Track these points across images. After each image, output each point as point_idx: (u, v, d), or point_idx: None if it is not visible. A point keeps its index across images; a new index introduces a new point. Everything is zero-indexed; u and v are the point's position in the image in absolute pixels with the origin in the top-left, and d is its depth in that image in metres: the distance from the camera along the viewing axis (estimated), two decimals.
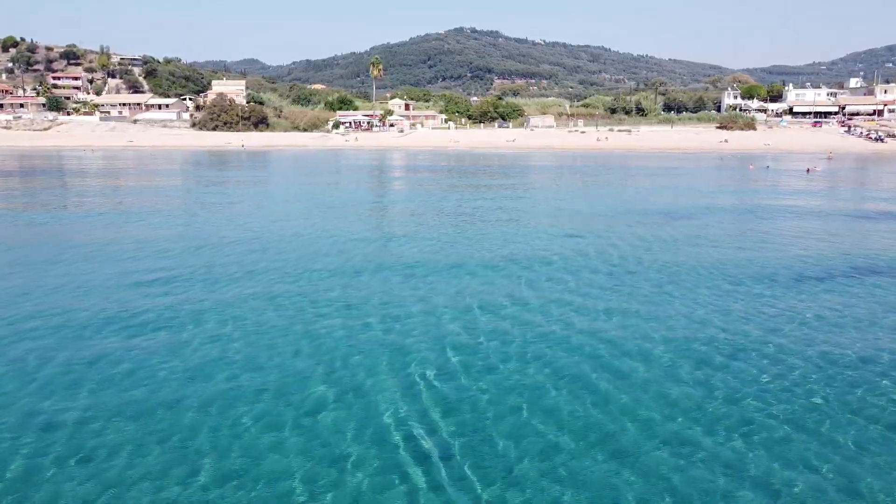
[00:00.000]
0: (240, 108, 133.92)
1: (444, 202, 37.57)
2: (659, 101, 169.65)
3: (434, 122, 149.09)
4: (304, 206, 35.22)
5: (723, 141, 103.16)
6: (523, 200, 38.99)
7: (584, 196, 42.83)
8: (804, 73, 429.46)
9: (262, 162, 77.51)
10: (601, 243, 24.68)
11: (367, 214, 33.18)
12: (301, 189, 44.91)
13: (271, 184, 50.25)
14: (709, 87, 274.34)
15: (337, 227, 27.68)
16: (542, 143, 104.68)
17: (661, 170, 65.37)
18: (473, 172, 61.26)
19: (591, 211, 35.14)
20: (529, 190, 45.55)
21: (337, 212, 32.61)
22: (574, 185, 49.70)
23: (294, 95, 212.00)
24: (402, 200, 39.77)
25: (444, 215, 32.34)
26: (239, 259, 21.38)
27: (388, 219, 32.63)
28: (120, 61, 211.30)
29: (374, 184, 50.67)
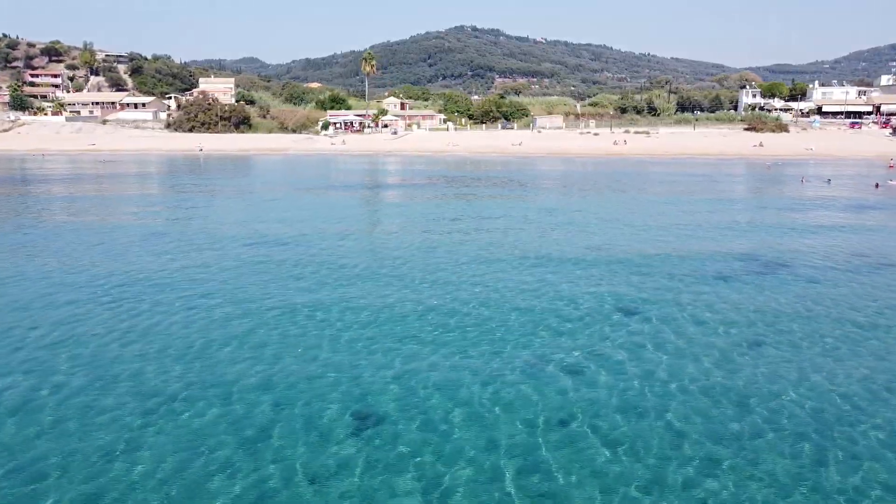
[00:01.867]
0: (219, 108, 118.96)
1: (432, 254, 22.95)
2: (672, 100, 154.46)
3: (432, 122, 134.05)
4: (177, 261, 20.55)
5: (757, 145, 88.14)
6: (548, 242, 24.31)
7: (623, 226, 28.29)
8: (807, 71, 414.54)
9: (219, 171, 62.81)
10: (689, 337, 13.28)
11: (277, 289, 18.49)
12: (208, 220, 30.12)
13: (180, 208, 35.52)
14: (715, 86, 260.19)
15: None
16: (551, 147, 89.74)
17: (704, 182, 50.53)
18: (473, 188, 46.48)
19: (640, 255, 22.04)
20: (551, 216, 30.96)
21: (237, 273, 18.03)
22: (604, 208, 35.05)
23: (286, 94, 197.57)
24: (362, 254, 25.00)
25: (431, 283, 17.82)
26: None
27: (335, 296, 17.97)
28: (104, 58, 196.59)
29: (335, 210, 35.92)
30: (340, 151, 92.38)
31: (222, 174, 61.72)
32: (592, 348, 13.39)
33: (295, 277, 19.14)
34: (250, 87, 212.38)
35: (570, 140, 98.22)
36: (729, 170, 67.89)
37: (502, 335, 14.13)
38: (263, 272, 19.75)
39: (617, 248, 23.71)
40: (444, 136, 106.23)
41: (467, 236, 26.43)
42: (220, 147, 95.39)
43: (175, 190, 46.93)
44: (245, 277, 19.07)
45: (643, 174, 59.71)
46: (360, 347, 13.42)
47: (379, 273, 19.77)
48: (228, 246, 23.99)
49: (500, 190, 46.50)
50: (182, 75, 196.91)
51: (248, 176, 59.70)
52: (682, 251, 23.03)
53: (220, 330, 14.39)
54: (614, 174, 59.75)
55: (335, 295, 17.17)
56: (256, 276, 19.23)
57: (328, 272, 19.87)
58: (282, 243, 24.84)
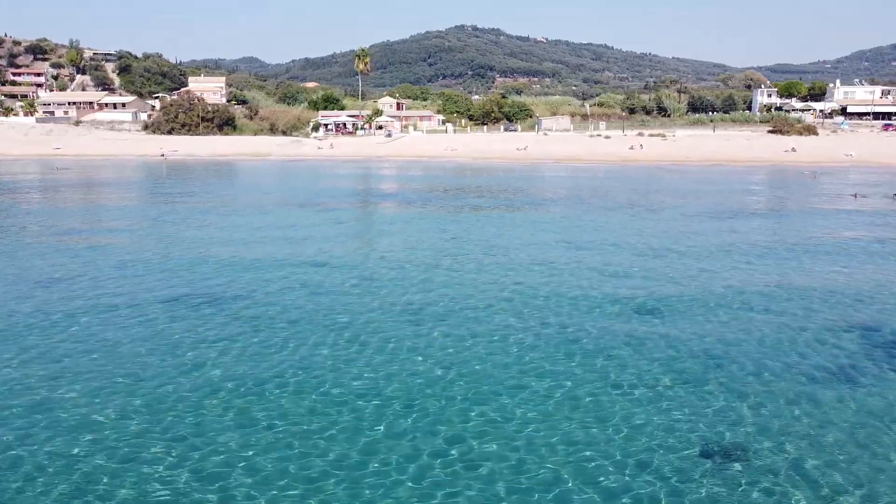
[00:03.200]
0: (201, 108, 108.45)
1: (420, 320, 13.04)
2: (682, 100, 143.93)
3: (429, 123, 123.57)
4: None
5: (790, 150, 77.58)
6: (582, 301, 14.21)
7: (680, 269, 18.47)
8: (809, 71, 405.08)
9: (179, 181, 52.34)
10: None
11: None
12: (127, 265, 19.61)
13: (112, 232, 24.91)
14: (720, 85, 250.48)
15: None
16: (561, 153, 79.20)
17: (750, 198, 40.12)
18: (474, 206, 36.05)
19: (728, 327, 13.36)
20: (576, 252, 20.76)
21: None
22: (643, 238, 24.82)
23: (280, 93, 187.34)
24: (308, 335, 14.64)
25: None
26: None
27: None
28: (92, 57, 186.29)
29: (293, 240, 25.38)
30: (327, 157, 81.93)
31: (181, 185, 51.33)
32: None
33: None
34: (244, 86, 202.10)
35: (580, 144, 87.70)
36: (768, 180, 57.45)
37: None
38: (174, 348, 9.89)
39: (682, 306, 14.04)
40: (443, 139, 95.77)
41: (464, 291, 16.47)
42: (195, 152, 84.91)
43: (102, 209, 36.52)
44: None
45: (672, 186, 49.20)
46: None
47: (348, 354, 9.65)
48: (123, 308, 14.14)
49: (506, 210, 36.11)
50: (172, 74, 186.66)
51: (208, 187, 49.22)
52: (795, 322, 12.85)
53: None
54: (638, 186, 49.25)
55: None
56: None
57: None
58: (211, 299, 15.74)
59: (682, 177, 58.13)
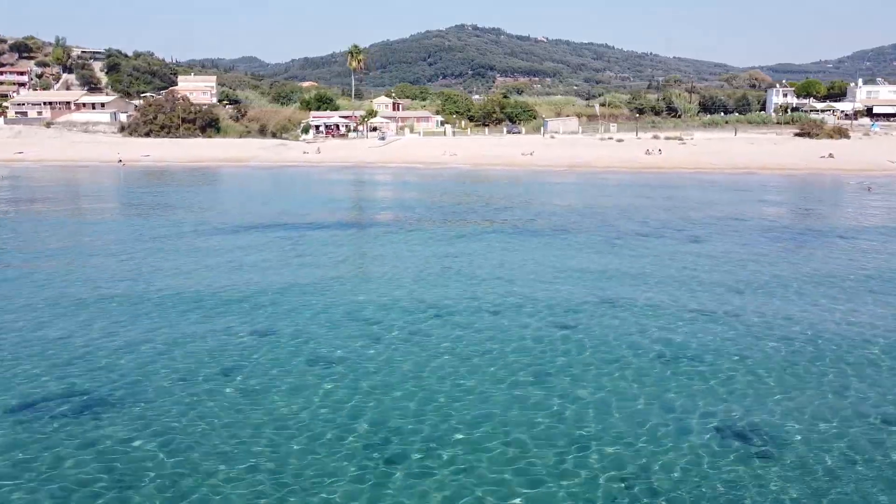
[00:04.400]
0: (181, 109, 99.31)
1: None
2: (693, 100, 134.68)
3: (427, 124, 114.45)
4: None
5: (826, 156, 68.45)
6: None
7: (760, 341, 9.46)
8: (810, 71, 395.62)
9: (135, 191, 43.21)
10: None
11: None
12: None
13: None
14: (724, 85, 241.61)
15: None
16: (570, 159, 70.07)
17: (816, 219, 31.11)
18: (476, 230, 26.86)
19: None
20: (610, 309, 12.13)
21: None
22: (699, 295, 15.98)
23: (274, 93, 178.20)
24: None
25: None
26: None
27: None
28: (79, 55, 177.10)
29: (244, 282, 16.51)
30: (313, 162, 72.82)
31: (135, 196, 42.27)
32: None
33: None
34: (237, 85, 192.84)
35: (591, 148, 78.60)
36: (820, 194, 48.36)
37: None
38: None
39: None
40: (441, 142, 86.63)
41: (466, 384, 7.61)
42: (168, 156, 75.93)
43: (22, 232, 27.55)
44: None
45: (707, 201, 39.96)
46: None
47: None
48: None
49: (516, 237, 27.08)
50: (162, 73, 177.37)
51: (158, 200, 40.09)
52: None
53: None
54: (667, 201, 40.08)
55: None
56: None
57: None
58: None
59: (714, 188, 49.03)
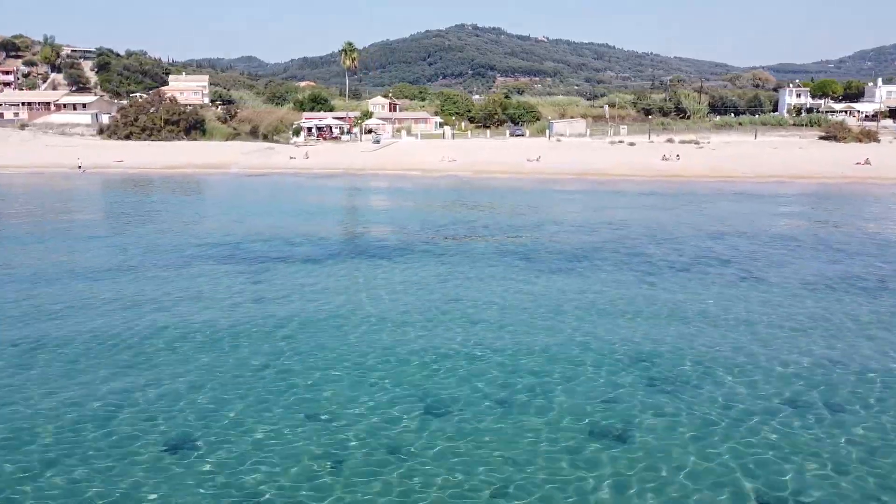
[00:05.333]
0: (165, 110, 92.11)
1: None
2: (703, 100, 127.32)
3: (425, 126, 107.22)
4: None
5: (863, 162, 61.24)
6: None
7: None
8: (811, 71, 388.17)
9: (86, 204, 35.94)
10: None
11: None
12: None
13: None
14: (727, 85, 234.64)
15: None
16: (581, 165, 62.84)
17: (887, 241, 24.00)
18: (478, 258, 19.89)
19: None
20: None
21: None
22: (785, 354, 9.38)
23: (269, 93, 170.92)
24: None
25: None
26: None
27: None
28: (69, 54, 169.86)
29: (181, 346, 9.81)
30: (298, 169, 65.63)
31: (81, 212, 35.11)
32: None
33: None
34: (231, 85, 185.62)
35: (602, 153, 71.41)
36: (874, 208, 41.14)
37: None
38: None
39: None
40: (439, 146, 79.37)
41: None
42: (143, 162, 68.74)
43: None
44: None
45: (747, 219, 32.69)
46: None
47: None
48: None
49: (525, 269, 19.96)
50: (154, 73, 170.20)
51: (97, 217, 33.02)
52: None
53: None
54: (699, 218, 32.76)
55: None
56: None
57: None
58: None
59: (745, 201, 41.85)
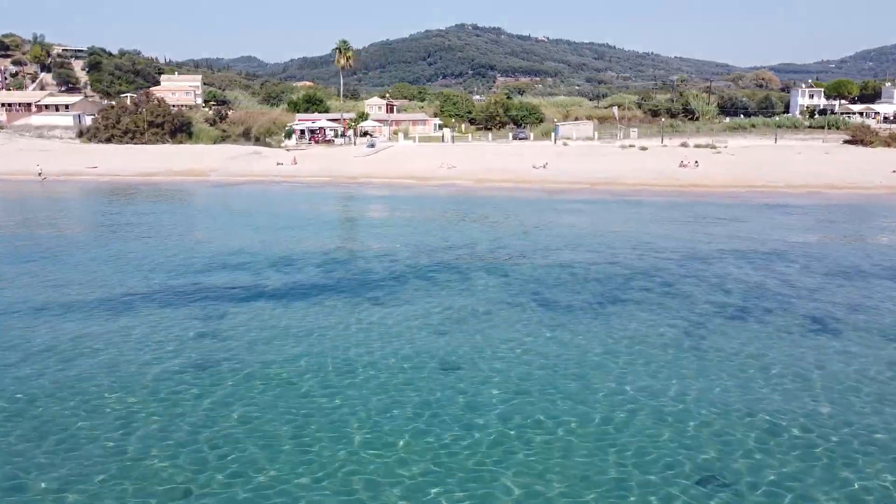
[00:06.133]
0: (149, 112, 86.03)
1: None
2: (712, 101, 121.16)
3: (424, 128, 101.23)
4: None
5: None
6: None
7: None
8: (812, 71, 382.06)
9: (30, 226, 29.90)
10: None
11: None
12: None
13: None
14: (730, 85, 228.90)
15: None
16: (593, 173, 56.78)
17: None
18: (476, 310, 14.25)
19: None
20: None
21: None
22: None
23: (264, 93, 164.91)
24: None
25: None
26: None
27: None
28: (59, 53, 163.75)
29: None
30: (284, 177, 59.53)
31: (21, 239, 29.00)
32: None
33: None
34: (227, 85, 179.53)
35: (613, 158, 65.32)
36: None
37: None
38: None
39: None
40: (438, 150, 73.35)
41: None
42: (119, 169, 62.64)
43: None
44: None
45: (794, 240, 26.81)
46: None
47: None
48: None
49: (541, 317, 14.11)
50: (146, 73, 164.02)
51: (50, 242, 26.95)
52: None
53: None
54: (740, 243, 26.64)
55: None
56: None
57: None
58: None
59: (784, 217, 35.79)
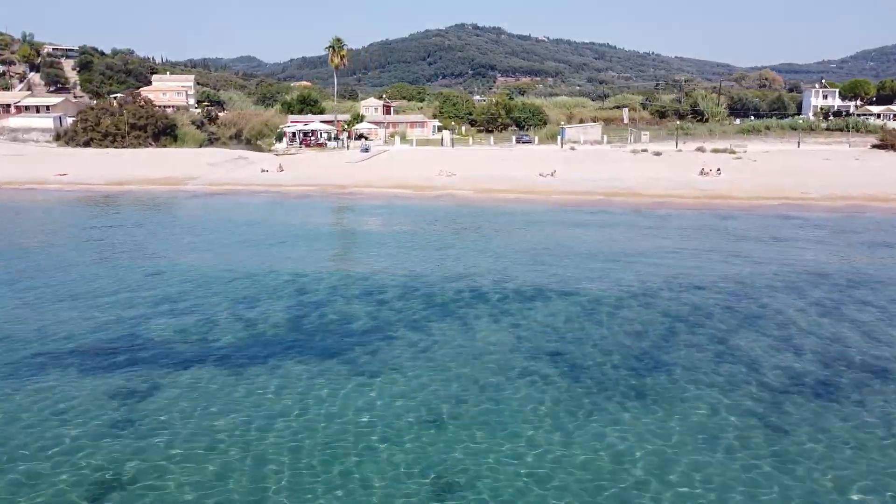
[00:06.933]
0: (131, 114, 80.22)
1: None
2: (722, 102, 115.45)
3: (422, 130, 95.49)
4: None
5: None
6: None
7: None
8: (813, 71, 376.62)
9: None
10: None
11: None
12: None
13: None
14: (734, 85, 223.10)
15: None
16: (606, 182, 51.04)
17: None
18: (482, 389, 9.08)
19: None
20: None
21: None
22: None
23: (259, 94, 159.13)
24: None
25: None
26: None
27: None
28: (49, 52, 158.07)
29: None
30: (269, 186, 53.77)
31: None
32: None
33: None
34: (222, 85, 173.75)
35: (626, 165, 59.59)
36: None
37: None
38: None
39: None
40: (437, 155, 67.60)
41: None
42: (91, 176, 56.85)
43: None
44: None
45: (865, 272, 21.16)
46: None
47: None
48: None
49: (566, 397, 8.76)
50: (139, 72, 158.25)
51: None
52: None
53: None
54: (795, 276, 21.06)
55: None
56: None
57: None
58: None
59: (836, 240, 30.04)
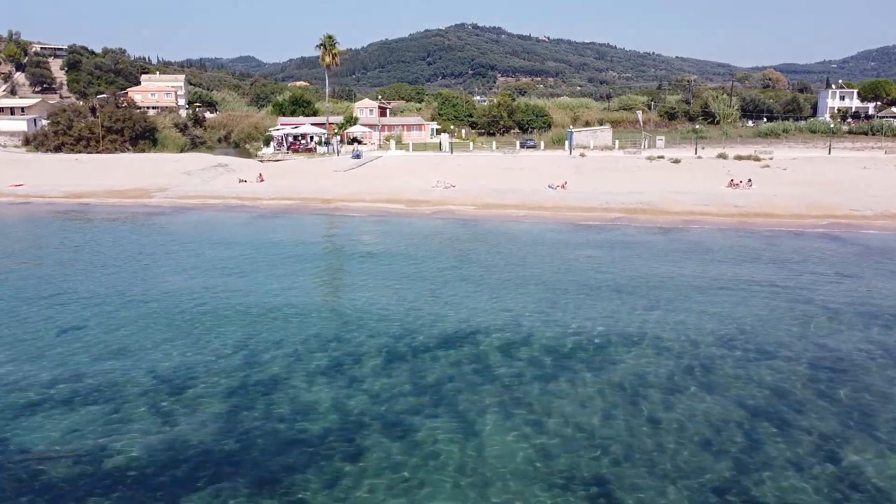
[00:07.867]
0: (106, 117, 73.56)
1: None
2: (734, 103, 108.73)
3: (420, 133, 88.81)
4: None
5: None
6: None
7: None
8: (814, 71, 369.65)
9: None
10: None
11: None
12: None
13: None
14: (738, 85, 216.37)
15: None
16: (623, 196, 44.39)
17: None
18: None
19: None
20: None
21: None
22: None
23: (253, 94, 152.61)
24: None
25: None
26: None
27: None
28: (37, 52, 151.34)
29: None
30: (245, 200, 47.05)
31: None
32: None
33: None
34: (215, 85, 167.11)
35: (643, 174, 52.90)
36: None
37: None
38: None
39: None
40: (434, 163, 60.89)
41: None
42: (49, 187, 50.31)
43: None
44: None
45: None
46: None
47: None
48: None
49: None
50: (128, 72, 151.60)
51: None
52: None
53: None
54: (871, 335, 14.66)
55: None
56: None
57: None
58: None
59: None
